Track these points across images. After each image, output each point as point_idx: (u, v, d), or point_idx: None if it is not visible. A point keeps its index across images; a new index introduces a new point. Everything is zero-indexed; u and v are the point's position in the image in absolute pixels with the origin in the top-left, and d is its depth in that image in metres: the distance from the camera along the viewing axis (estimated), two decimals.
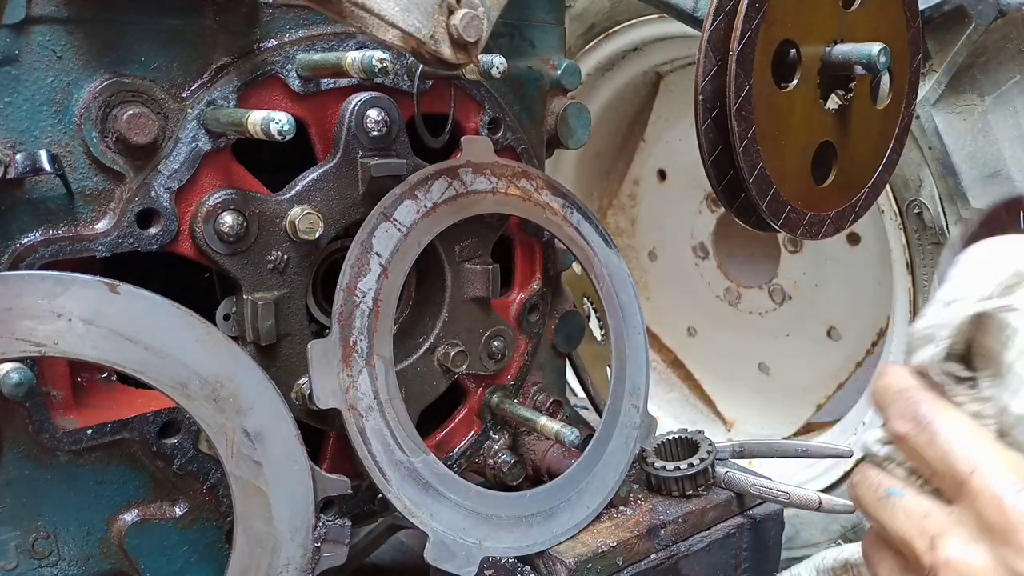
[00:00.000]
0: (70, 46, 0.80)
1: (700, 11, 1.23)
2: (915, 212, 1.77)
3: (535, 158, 1.15)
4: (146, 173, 0.84)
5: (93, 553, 0.86)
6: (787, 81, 1.02)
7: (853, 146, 1.10)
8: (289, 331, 0.94)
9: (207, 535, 0.92)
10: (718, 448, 1.14)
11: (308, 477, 0.86)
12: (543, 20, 1.16)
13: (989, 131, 1.67)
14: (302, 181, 0.93)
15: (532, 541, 1.00)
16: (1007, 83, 1.65)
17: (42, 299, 0.72)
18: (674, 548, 1.04)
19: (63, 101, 0.80)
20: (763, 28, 0.95)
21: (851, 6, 1.05)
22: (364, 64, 0.87)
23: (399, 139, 0.98)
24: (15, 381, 0.74)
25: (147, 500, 0.89)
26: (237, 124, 0.83)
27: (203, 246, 0.87)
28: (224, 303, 0.92)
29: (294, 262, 0.93)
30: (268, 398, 0.83)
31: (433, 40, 0.80)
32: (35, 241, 0.79)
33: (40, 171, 0.77)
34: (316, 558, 0.87)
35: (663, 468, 1.08)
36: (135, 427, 0.85)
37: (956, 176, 1.69)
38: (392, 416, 0.93)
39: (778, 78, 1.00)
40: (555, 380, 1.24)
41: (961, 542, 0.59)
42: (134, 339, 0.76)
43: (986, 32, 1.59)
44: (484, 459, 1.14)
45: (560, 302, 1.23)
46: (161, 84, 0.84)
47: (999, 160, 1.67)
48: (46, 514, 0.84)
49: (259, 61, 0.90)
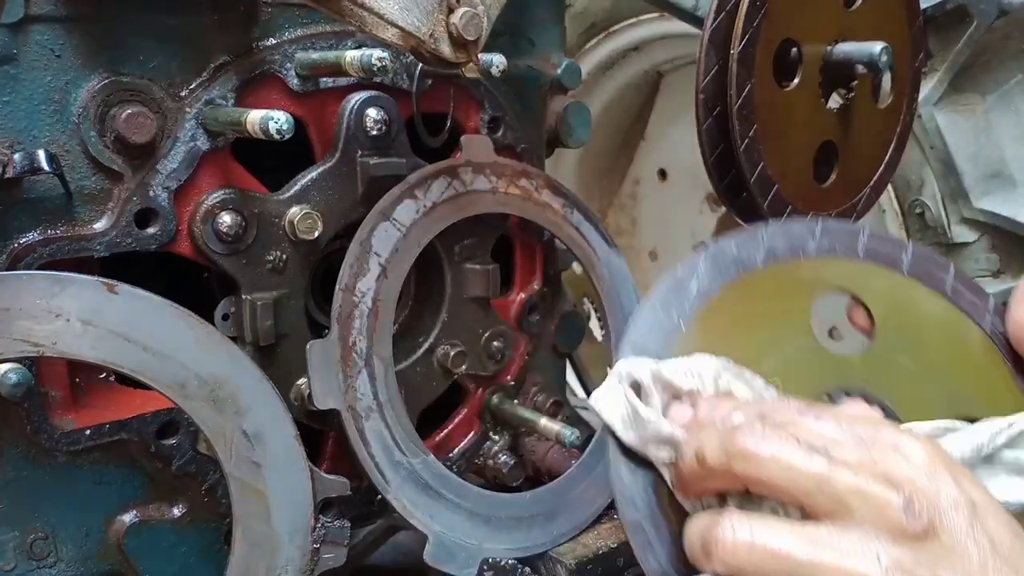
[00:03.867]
0: (68, 45, 0.79)
1: (701, 10, 1.22)
2: (917, 212, 1.76)
3: (535, 157, 1.15)
4: (144, 173, 0.84)
5: (91, 554, 0.86)
6: (788, 80, 1.01)
7: (855, 145, 1.10)
8: (288, 331, 0.94)
9: (206, 536, 0.91)
10: None
11: (307, 478, 0.85)
12: (543, 19, 1.15)
13: (991, 130, 1.67)
14: (301, 180, 0.93)
15: (532, 542, 0.99)
16: (1009, 82, 1.65)
17: (40, 299, 0.72)
18: None
19: (61, 100, 0.80)
20: (764, 27, 0.95)
21: (852, 5, 1.05)
22: (363, 63, 0.86)
23: (398, 138, 0.97)
24: (13, 381, 0.74)
25: (145, 501, 0.89)
26: (236, 123, 0.83)
27: (202, 246, 0.87)
28: (223, 303, 0.92)
29: (293, 262, 0.93)
30: (267, 399, 0.83)
31: (433, 39, 0.80)
32: (33, 241, 0.79)
33: (38, 171, 0.76)
34: (315, 559, 0.87)
35: None
36: (133, 428, 0.85)
37: (958, 176, 1.68)
38: (391, 417, 0.93)
39: (779, 77, 1.00)
40: (555, 380, 1.24)
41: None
42: (132, 339, 0.76)
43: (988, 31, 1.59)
44: (484, 460, 1.13)
45: (560, 302, 1.22)
46: (159, 83, 0.84)
47: (1001, 160, 1.67)
48: (44, 515, 0.83)
49: (258, 60, 0.90)
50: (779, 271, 0.77)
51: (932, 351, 0.78)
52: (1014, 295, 0.79)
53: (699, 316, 0.72)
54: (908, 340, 0.78)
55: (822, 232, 0.78)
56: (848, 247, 0.78)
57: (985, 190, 1.69)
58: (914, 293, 0.80)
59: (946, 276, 0.80)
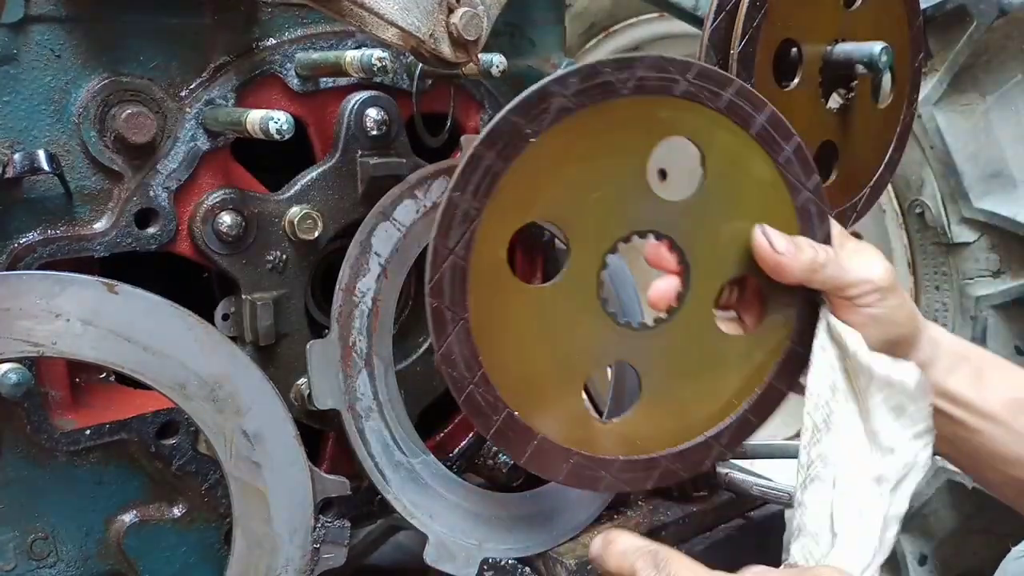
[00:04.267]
0: (68, 45, 0.79)
1: (701, 10, 1.22)
2: (917, 212, 1.76)
3: None
4: (144, 173, 0.84)
5: (91, 554, 0.86)
6: (788, 80, 1.01)
7: (854, 145, 1.10)
8: (288, 331, 0.94)
9: (206, 536, 0.91)
10: None
11: (307, 478, 0.85)
12: (543, 19, 1.15)
13: (991, 130, 1.67)
14: (301, 180, 0.93)
15: (532, 542, 0.99)
16: (1009, 82, 1.65)
17: (40, 299, 0.72)
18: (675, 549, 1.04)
19: (61, 100, 0.80)
20: (764, 27, 0.95)
21: (852, 5, 1.05)
22: (363, 63, 0.86)
23: (398, 138, 0.97)
24: (13, 381, 0.74)
25: (146, 501, 0.89)
26: (236, 123, 0.83)
27: (202, 246, 0.87)
28: (223, 303, 0.92)
29: (293, 262, 0.93)
30: (267, 399, 0.83)
31: (433, 39, 0.80)
32: (33, 241, 0.79)
33: (38, 171, 0.77)
34: (315, 559, 0.87)
35: None
36: (133, 428, 0.85)
37: (958, 175, 1.69)
38: (391, 417, 0.93)
39: (779, 77, 1.00)
40: None
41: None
42: (132, 339, 0.76)
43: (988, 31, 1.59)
44: (484, 460, 1.13)
45: None
46: (160, 83, 0.84)
47: (1001, 159, 1.67)
48: (44, 515, 0.83)
49: (258, 60, 0.90)
50: (641, 104, 0.80)
51: (743, 211, 0.85)
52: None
53: (552, 131, 0.77)
54: (727, 197, 0.85)
55: (695, 76, 0.81)
56: (712, 97, 0.82)
57: (985, 190, 1.69)
58: (751, 153, 0.85)
59: (787, 147, 0.86)
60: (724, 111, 0.83)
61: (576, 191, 0.80)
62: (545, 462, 0.83)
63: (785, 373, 0.90)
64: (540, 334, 0.82)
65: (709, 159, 0.84)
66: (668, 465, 0.88)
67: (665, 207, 0.84)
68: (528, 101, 0.76)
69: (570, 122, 0.78)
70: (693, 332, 0.87)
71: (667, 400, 0.88)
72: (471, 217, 0.76)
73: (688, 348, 0.87)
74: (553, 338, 0.83)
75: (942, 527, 1.80)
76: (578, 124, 0.78)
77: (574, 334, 0.84)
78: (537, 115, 0.76)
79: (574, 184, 0.80)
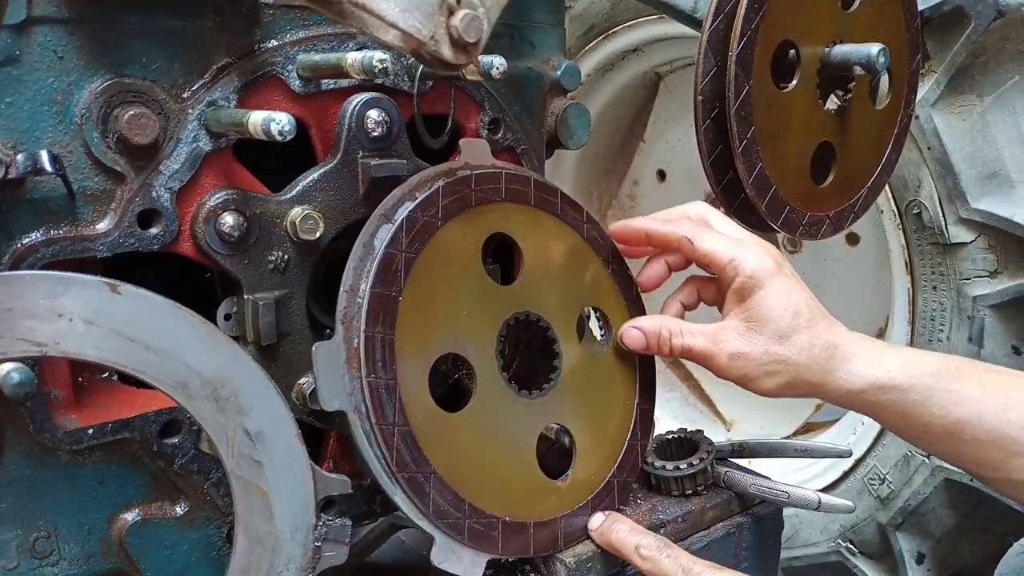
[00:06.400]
0: (71, 46, 0.80)
1: (700, 12, 1.23)
2: (914, 212, 1.77)
3: (535, 159, 1.15)
4: (147, 173, 0.84)
5: (94, 552, 0.87)
6: (786, 82, 1.02)
7: (852, 146, 1.11)
8: (290, 331, 0.94)
9: (208, 534, 0.92)
10: (718, 448, 1.14)
11: (309, 477, 0.86)
12: (543, 21, 1.16)
13: (988, 131, 1.67)
14: (303, 181, 0.93)
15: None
16: (1006, 83, 1.65)
17: (43, 299, 0.72)
18: None
19: (64, 101, 0.80)
20: (763, 28, 0.96)
21: (850, 7, 1.06)
22: (364, 65, 0.87)
23: (399, 140, 0.98)
24: (16, 381, 0.74)
25: (148, 500, 0.89)
26: (238, 124, 0.83)
27: (204, 246, 0.87)
28: (225, 303, 0.92)
29: (295, 262, 0.93)
30: (269, 398, 0.83)
31: (433, 41, 0.80)
32: (36, 241, 0.80)
33: (41, 171, 0.77)
34: (317, 557, 0.87)
35: (663, 468, 1.08)
36: (136, 427, 0.85)
37: (955, 176, 1.69)
38: None
39: (777, 79, 1.01)
40: None
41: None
42: (135, 339, 0.76)
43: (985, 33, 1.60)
44: None
45: None
46: (162, 84, 0.85)
47: (998, 160, 1.68)
48: (47, 514, 0.84)
49: (260, 62, 0.90)
50: (455, 226, 0.94)
51: (557, 263, 1.02)
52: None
53: (410, 284, 0.89)
54: (543, 259, 1.01)
55: (444, 192, 0.94)
56: (463, 198, 0.95)
57: (982, 190, 1.69)
58: (540, 219, 1.01)
59: (555, 200, 1.02)
60: (508, 200, 0.99)
61: (449, 318, 0.92)
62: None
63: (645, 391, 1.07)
64: (484, 443, 0.93)
65: (517, 238, 0.99)
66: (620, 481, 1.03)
67: (512, 290, 0.98)
68: (380, 269, 0.87)
69: (416, 267, 0.90)
70: (580, 368, 1.02)
71: (594, 431, 1.02)
72: (392, 389, 0.86)
73: (583, 382, 1.02)
74: (491, 437, 0.94)
75: (940, 525, 1.81)
76: (420, 263, 0.90)
77: (505, 424, 0.95)
78: (391, 279, 0.88)
79: (445, 314, 0.92)
